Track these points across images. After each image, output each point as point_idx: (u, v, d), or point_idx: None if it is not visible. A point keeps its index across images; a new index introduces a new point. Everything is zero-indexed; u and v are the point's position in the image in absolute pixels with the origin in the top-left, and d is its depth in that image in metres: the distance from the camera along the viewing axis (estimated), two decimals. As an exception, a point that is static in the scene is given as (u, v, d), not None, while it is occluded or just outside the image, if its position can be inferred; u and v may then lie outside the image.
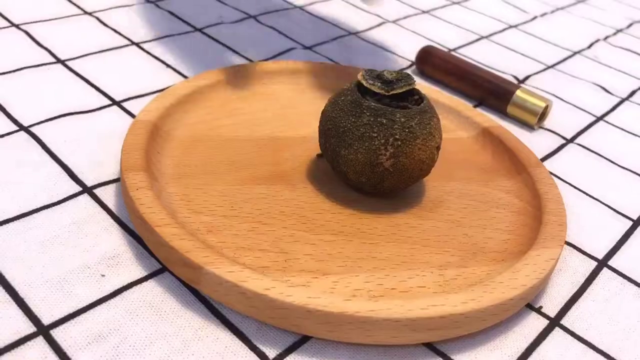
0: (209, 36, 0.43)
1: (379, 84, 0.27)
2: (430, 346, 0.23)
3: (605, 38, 0.56)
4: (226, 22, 0.46)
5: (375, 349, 0.23)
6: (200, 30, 0.43)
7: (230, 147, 0.30)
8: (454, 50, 0.48)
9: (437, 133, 0.27)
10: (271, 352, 0.22)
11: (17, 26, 0.39)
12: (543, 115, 0.39)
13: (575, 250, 0.29)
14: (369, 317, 0.21)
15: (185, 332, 0.22)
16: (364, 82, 0.27)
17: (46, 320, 0.21)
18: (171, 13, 0.45)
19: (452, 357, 0.23)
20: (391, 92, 0.27)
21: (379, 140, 0.26)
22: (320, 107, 0.35)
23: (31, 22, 0.40)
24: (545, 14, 0.60)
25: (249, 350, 0.22)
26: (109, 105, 0.33)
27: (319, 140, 0.28)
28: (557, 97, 0.44)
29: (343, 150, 0.27)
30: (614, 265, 0.29)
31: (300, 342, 0.22)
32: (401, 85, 0.27)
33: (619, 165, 0.37)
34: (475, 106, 0.40)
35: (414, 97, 0.28)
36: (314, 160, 0.31)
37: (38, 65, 0.36)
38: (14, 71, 0.35)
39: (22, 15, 0.41)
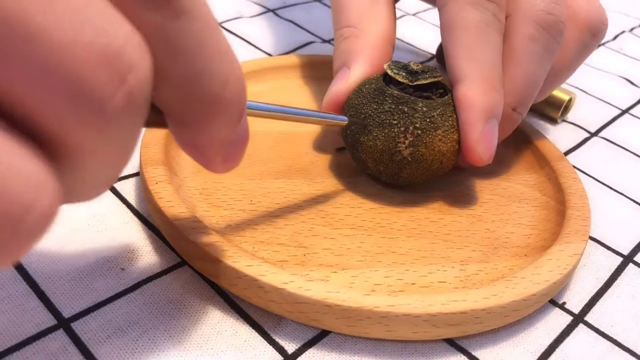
0: (228, 30, 0.43)
1: (404, 74, 0.27)
2: (451, 342, 0.23)
3: (631, 29, 0.55)
4: (245, 16, 0.45)
5: (394, 344, 0.22)
6: (220, 24, 0.43)
7: (249, 142, 0.30)
8: (475, 43, 0.48)
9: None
10: (290, 347, 0.22)
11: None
12: (567, 108, 0.38)
13: (599, 246, 0.29)
14: (389, 312, 0.21)
15: (204, 326, 0.22)
16: (389, 71, 0.27)
17: (67, 313, 0.21)
18: (190, 8, 0.45)
19: (473, 353, 0.23)
20: (415, 83, 0.26)
21: (398, 127, 0.26)
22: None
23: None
24: (568, 5, 0.59)
25: (268, 344, 0.22)
26: (128, 100, 0.33)
27: (340, 130, 0.28)
28: (581, 90, 0.43)
29: (362, 137, 0.26)
30: (639, 261, 0.28)
31: (319, 336, 0.22)
32: (426, 77, 0.26)
33: (645, 159, 0.36)
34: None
35: (439, 91, 0.27)
36: (333, 154, 0.30)
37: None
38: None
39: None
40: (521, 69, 0.28)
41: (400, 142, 0.26)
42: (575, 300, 0.26)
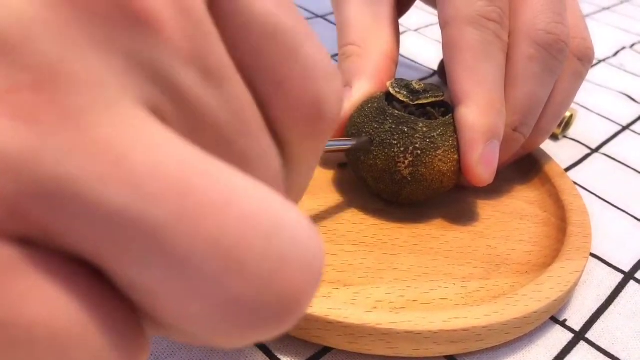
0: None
1: (405, 93, 0.27)
2: (453, 359, 0.23)
3: (632, 46, 0.55)
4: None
5: (396, 361, 0.22)
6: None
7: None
8: (476, 59, 0.48)
9: None
10: (292, 363, 0.22)
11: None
12: (567, 124, 0.38)
13: (600, 263, 0.29)
14: (391, 329, 0.21)
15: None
16: (391, 90, 0.27)
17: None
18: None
19: (474, 370, 0.23)
20: (416, 102, 0.26)
21: (398, 147, 0.26)
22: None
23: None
24: (569, 22, 0.59)
25: (270, 361, 0.22)
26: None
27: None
28: (581, 106, 0.43)
29: (363, 156, 0.27)
30: (640, 278, 0.28)
31: (321, 353, 0.22)
32: (427, 96, 0.27)
33: (645, 176, 0.36)
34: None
35: (442, 110, 0.27)
36: (336, 170, 0.31)
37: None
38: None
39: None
40: (522, 89, 0.28)
41: (400, 162, 0.26)
42: (576, 317, 0.26)
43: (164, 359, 0.21)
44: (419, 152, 0.26)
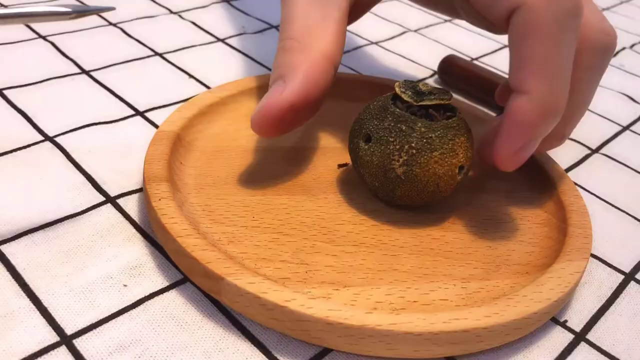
0: (231, 47, 0.43)
1: (410, 93, 0.27)
2: (453, 360, 0.23)
3: (632, 46, 0.55)
4: (248, 32, 0.46)
5: (396, 362, 0.22)
6: (222, 40, 0.44)
7: (252, 158, 0.30)
8: (476, 59, 0.48)
9: (462, 152, 0.26)
10: (292, 365, 0.22)
11: (43, 37, 0.40)
12: (567, 125, 0.38)
13: (601, 263, 0.29)
14: (391, 330, 0.21)
15: (206, 343, 0.22)
16: (396, 89, 0.27)
17: (69, 330, 0.21)
18: (194, 24, 0.45)
19: (475, 371, 0.23)
20: (419, 103, 0.26)
21: (394, 145, 0.26)
22: (343, 118, 0.35)
23: (57, 34, 0.41)
24: (569, 22, 0.59)
25: (270, 362, 0.22)
26: (132, 116, 0.34)
27: (348, 143, 0.28)
28: (582, 106, 0.43)
29: (362, 151, 0.27)
30: (641, 279, 0.28)
31: (321, 354, 0.22)
32: (431, 99, 0.27)
33: (646, 176, 0.36)
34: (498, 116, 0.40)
35: (447, 114, 0.27)
36: (336, 171, 0.31)
37: (63, 76, 0.36)
38: (40, 82, 0.35)
39: (48, 27, 0.41)
40: (584, 98, 0.28)
41: (395, 160, 0.26)
42: (576, 318, 0.26)
43: (164, 359, 0.21)
44: (414, 151, 0.26)
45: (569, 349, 0.24)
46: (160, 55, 0.40)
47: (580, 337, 0.25)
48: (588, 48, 0.27)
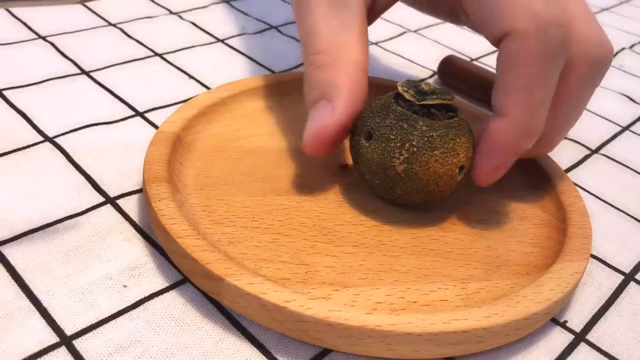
0: (231, 47, 0.43)
1: (412, 92, 0.27)
2: (453, 361, 0.23)
3: (631, 46, 0.55)
4: (248, 32, 0.46)
5: (396, 363, 0.22)
6: (222, 41, 0.44)
7: (251, 158, 0.30)
8: (476, 59, 0.48)
9: (463, 152, 0.26)
10: (292, 365, 0.22)
11: (43, 38, 0.40)
12: (567, 125, 0.38)
13: (600, 264, 0.29)
14: (390, 331, 0.21)
15: (206, 344, 0.22)
16: (399, 88, 0.27)
17: (69, 331, 0.21)
18: (194, 24, 0.45)
19: (474, 372, 0.23)
20: (421, 102, 0.26)
21: (395, 143, 0.26)
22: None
23: (57, 34, 0.41)
24: (569, 22, 0.59)
25: (270, 362, 0.22)
26: (132, 116, 0.34)
27: (349, 141, 0.28)
28: (581, 106, 0.43)
29: (363, 149, 0.27)
30: (641, 279, 0.28)
31: (320, 355, 0.22)
32: (433, 98, 0.27)
33: (645, 177, 0.36)
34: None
35: (449, 114, 0.27)
36: (336, 171, 0.31)
37: (63, 77, 0.36)
38: (40, 82, 0.35)
39: (48, 27, 0.41)
40: (573, 111, 0.28)
41: (395, 157, 0.26)
42: (576, 318, 0.26)
43: (164, 359, 0.21)
44: (414, 149, 0.26)
45: (569, 349, 0.24)
46: (160, 55, 0.40)
47: (580, 337, 0.25)
48: (583, 62, 0.27)
